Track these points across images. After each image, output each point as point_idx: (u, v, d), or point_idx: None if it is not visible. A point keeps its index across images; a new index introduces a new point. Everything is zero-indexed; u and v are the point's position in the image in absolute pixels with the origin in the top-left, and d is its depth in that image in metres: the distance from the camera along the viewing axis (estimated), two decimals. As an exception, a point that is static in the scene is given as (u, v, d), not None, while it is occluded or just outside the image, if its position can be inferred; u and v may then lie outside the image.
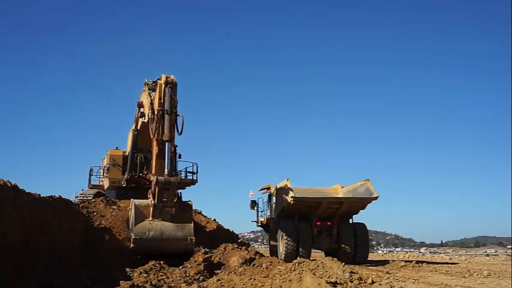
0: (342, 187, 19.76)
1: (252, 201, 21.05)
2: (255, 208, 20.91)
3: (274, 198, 19.19)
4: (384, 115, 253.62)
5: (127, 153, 17.20)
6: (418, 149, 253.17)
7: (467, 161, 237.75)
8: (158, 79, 12.97)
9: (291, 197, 17.07)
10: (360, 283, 7.05)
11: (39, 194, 9.61)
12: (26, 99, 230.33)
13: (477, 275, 12.68)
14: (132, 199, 12.85)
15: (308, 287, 6.83)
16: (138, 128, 15.53)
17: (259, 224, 21.11)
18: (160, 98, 12.43)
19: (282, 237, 17.41)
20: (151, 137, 12.66)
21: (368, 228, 19.11)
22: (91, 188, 18.82)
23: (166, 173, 12.12)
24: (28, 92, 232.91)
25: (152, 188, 12.15)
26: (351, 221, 18.76)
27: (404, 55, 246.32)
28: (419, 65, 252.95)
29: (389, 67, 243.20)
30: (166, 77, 12.62)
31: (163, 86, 12.49)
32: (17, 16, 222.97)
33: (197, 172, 18.10)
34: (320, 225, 17.96)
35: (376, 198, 17.73)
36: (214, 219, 17.98)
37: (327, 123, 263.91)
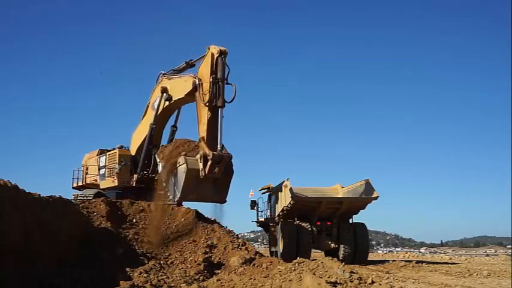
0: (342, 187, 19.79)
1: (252, 201, 21.08)
2: (255, 208, 20.93)
3: (274, 198, 19.20)
4: (384, 115, 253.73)
5: (132, 153, 17.26)
6: (418, 149, 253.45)
7: (467, 161, 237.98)
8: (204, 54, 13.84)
9: (291, 197, 17.09)
10: (360, 283, 7.06)
11: (39, 194, 9.61)
12: (26, 98, 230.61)
13: (477, 275, 12.69)
14: (184, 156, 13.27)
15: (308, 287, 6.83)
16: (159, 112, 15.96)
17: (259, 224, 21.14)
18: (212, 67, 13.18)
19: (282, 237, 17.42)
20: (201, 103, 13.22)
21: (368, 228, 19.14)
22: (78, 187, 18.63)
23: (219, 147, 12.80)
24: (27, 91, 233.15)
25: (202, 160, 12.74)
26: (350, 221, 18.77)
27: (405, 53, 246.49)
28: (419, 64, 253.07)
29: (389, 66, 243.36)
30: (219, 48, 13.35)
31: (215, 55, 13.24)
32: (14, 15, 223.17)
33: None
34: (320, 225, 17.97)
35: (376, 198, 17.75)
36: (215, 219, 17.97)
37: (327, 123, 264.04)
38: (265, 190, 20.29)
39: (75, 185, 19.14)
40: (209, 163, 12.66)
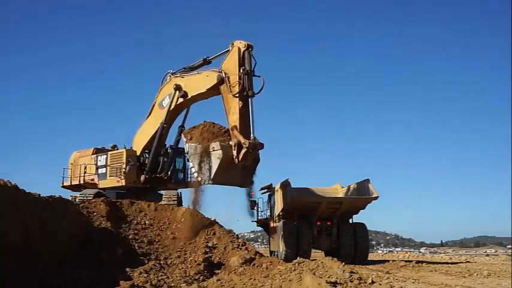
0: (342, 187, 19.77)
1: (252, 201, 21.04)
2: (255, 208, 20.91)
3: (274, 198, 19.18)
4: (384, 115, 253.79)
5: (138, 153, 17.21)
6: (418, 149, 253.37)
7: (467, 160, 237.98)
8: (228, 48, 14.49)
9: (291, 197, 17.08)
10: (360, 283, 7.06)
11: (39, 194, 9.61)
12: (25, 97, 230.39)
13: (477, 275, 12.67)
14: (217, 142, 13.73)
15: (308, 287, 6.83)
16: (171, 108, 16.14)
17: (259, 224, 21.13)
18: (239, 60, 13.90)
19: (282, 237, 17.41)
20: (230, 94, 13.78)
21: (368, 228, 19.11)
22: (71, 187, 18.19)
23: (252, 136, 13.26)
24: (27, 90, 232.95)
25: (237, 148, 13.14)
26: (350, 221, 18.75)
27: (405, 52, 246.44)
28: (419, 64, 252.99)
29: (388, 66, 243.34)
30: (246, 42, 14.08)
31: (242, 49, 13.97)
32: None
33: None
34: (320, 225, 17.95)
35: (376, 198, 17.73)
36: (215, 219, 17.97)
37: (327, 122, 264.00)
38: (265, 190, 20.28)
39: (66, 183, 18.42)
40: (244, 151, 13.12)
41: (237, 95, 13.61)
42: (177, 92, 15.80)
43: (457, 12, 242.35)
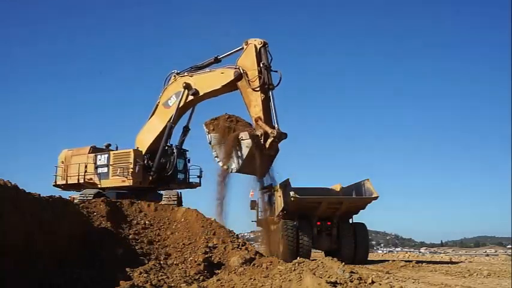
0: (342, 187, 19.79)
1: (252, 201, 21.06)
2: (255, 208, 20.91)
3: (274, 198, 19.19)
4: (384, 115, 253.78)
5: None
6: (418, 149, 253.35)
7: (467, 160, 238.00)
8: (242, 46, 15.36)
9: (291, 197, 17.09)
10: (360, 283, 7.05)
11: (39, 194, 9.61)
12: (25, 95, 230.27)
13: (477, 275, 12.68)
14: (246, 132, 14.27)
15: (308, 287, 6.83)
16: (181, 105, 16.42)
17: (259, 224, 21.12)
18: (256, 56, 14.75)
19: (282, 237, 17.41)
20: (249, 88, 14.57)
21: (368, 228, 19.15)
22: (66, 185, 17.83)
23: (276, 126, 14.12)
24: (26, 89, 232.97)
25: (263, 138, 13.94)
26: (350, 221, 18.77)
27: (406, 50, 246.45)
28: (419, 63, 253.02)
29: (389, 65, 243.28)
30: (261, 40, 14.97)
31: (258, 46, 14.83)
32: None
33: (201, 176, 18.32)
34: (320, 225, 17.98)
35: (376, 198, 17.75)
36: (215, 220, 17.96)
37: (327, 122, 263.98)
38: (265, 190, 20.27)
39: (60, 182, 17.88)
40: (270, 140, 13.95)
41: (258, 88, 14.42)
42: (187, 90, 16.16)
43: (456, 13, 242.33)
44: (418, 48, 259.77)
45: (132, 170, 16.46)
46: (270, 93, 14.57)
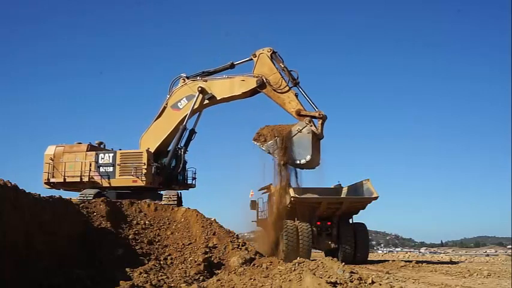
0: (342, 187, 19.79)
1: (252, 201, 21.08)
2: (255, 208, 20.92)
3: (274, 198, 19.18)
4: (384, 115, 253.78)
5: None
6: (418, 149, 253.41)
7: (467, 160, 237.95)
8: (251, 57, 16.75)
9: (291, 197, 17.08)
10: (360, 283, 7.05)
11: (39, 194, 9.61)
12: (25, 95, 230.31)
13: (477, 275, 12.68)
14: (296, 124, 15.46)
15: (308, 287, 6.83)
16: (195, 107, 16.92)
17: (259, 224, 21.12)
18: (270, 63, 16.15)
19: (282, 237, 17.40)
20: (278, 90, 15.87)
21: (368, 228, 19.14)
22: (63, 184, 17.17)
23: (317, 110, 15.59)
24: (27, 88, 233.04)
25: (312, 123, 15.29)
26: (350, 221, 18.76)
27: (406, 50, 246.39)
28: (419, 62, 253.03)
29: (389, 65, 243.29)
30: (269, 48, 16.37)
31: (268, 54, 16.23)
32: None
33: (195, 177, 18.40)
34: (320, 225, 17.98)
35: (376, 198, 17.73)
36: (215, 220, 17.97)
37: (326, 122, 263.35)
38: (265, 190, 20.28)
39: (55, 180, 16.91)
40: (320, 121, 15.29)
41: (286, 88, 15.75)
42: (202, 94, 16.81)
43: (456, 12, 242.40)
44: (418, 48, 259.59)
45: (146, 170, 16.28)
46: (298, 86, 15.88)
